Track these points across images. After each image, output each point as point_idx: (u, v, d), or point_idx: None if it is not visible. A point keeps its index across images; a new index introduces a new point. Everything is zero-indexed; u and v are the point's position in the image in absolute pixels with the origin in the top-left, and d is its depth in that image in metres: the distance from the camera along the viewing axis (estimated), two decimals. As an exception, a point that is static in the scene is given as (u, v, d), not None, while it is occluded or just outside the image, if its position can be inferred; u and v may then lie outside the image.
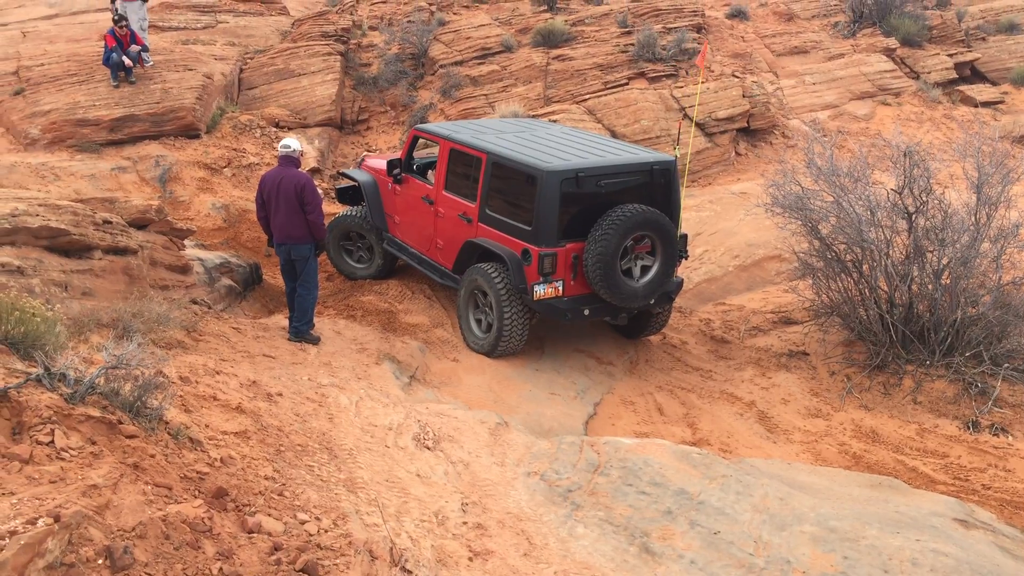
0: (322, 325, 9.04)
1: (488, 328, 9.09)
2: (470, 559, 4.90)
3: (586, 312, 8.80)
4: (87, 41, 15.96)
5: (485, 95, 16.50)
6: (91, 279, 7.74)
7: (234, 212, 12.81)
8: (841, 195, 9.14)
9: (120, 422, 4.42)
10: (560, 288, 8.65)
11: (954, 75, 19.79)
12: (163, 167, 13.13)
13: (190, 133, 13.98)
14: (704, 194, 14.58)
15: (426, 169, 10.26)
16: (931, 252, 8.93)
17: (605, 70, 16.82)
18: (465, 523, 5.29)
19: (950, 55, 20.10)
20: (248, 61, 16.75)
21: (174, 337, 7.32)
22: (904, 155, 8.96)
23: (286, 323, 8.84)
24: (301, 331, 8.57)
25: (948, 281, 8.79)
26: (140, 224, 8.82)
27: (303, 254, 8.54)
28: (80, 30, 17.16)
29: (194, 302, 8.80)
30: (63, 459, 3.98)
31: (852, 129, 17.36)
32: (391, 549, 4.69)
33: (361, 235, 10.98)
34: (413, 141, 10.32)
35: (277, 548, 4.21)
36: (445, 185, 9.63)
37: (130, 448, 4.33)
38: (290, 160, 8.44)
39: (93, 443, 4.19)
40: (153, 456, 4.39)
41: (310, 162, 14.25)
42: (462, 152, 9.40)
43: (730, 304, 11.17)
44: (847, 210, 9.02)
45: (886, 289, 9.07)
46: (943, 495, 6.49)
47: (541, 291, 8.55)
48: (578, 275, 8.68)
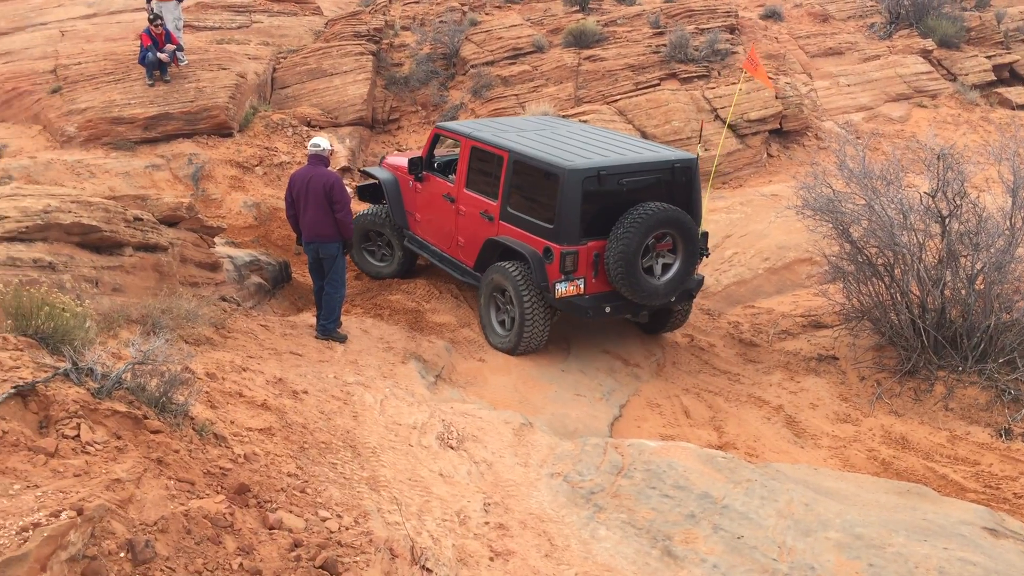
0: (349, 323, 9.08)
1: (510, 325, 9.10)
2: (491, 559, 4.89)
3: (607, 310, 8.78)
4: (124, 40, 16.20)
5: (516, 95, 16.51)
6: (121, 275, 7.84)
7: (265, 210, 12.92)
8: (873, 198, 9.02)
9: (145, 417, 4.46)
10: (582, 286, 8.64)
11: (992, 77, 19.47)
12: (196, 165, 13.29)
13: (223, 132, 14.13)
14: (735, 196, 14.47)
15: (447, 167, 10.28)
16: (965, 256, 8.80)
17: (636, 71, 16.76)
18: (487, 523, 5.28)
19: (988, 57, 19.80)
20: (281, 60, 16.92)
21: (202, 334, 7.38)
22: (938, 158, 8.82)
23: (314, 321, 8.89)
24: (328, 329, 8.62)
25: (982, 286, 8.64)
26: (171, 221, 8.92)
27: (331, 252, 8.58)
28: (117, 29, 17.43)
29: (223, 299, 8.89)
30: (88, 453, 4.03)
31: (886, 131, 17.15)
32: (411, 548, 4.70)
33: (379, 232, 11.03)
34: (434, 139, 10.34)
35: (297, 545, 4.23)
36: (466, 183, 9.64)
37: (154, 443, 4.37)
38: (320, 159, 8.48)
39: (118, 437, 4.23)
40: (177, 451, 4.43)
41: (341, 161, 14.33)
42: (483, 150, 9.41)
43: (759, 307, 11.08)
44: (879, 213, 8.90)
45: (918, 294, 8.93)
46: (972, 503, 6.37)
47: (563, 289, 8.55)
48: (599, 273, 8.67)
